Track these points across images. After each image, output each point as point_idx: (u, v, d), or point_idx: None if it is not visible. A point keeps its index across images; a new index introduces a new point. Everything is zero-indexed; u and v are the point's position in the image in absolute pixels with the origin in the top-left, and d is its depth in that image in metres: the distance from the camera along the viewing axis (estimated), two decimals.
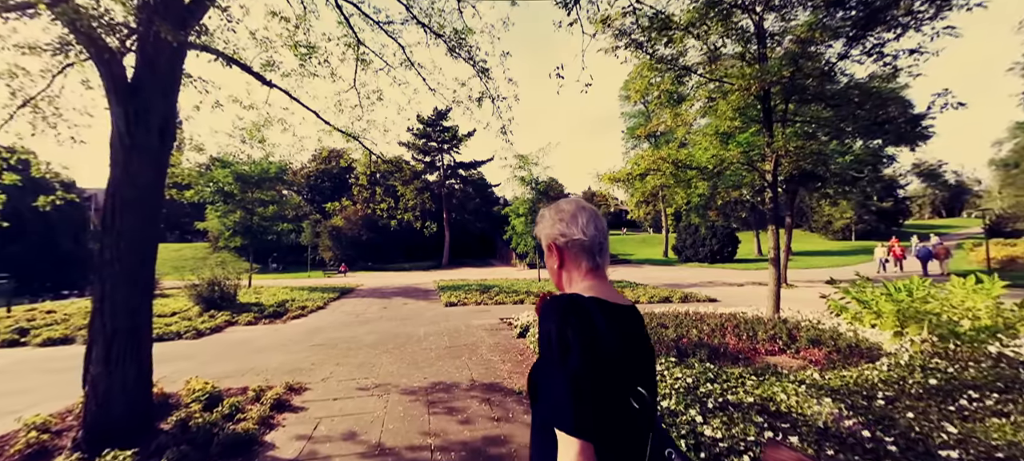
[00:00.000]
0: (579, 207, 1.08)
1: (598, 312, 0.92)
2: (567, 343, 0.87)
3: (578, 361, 0.85)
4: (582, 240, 1.03)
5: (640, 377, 0.94)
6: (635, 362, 0.95)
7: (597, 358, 0.87)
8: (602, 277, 1.05)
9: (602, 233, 1.06)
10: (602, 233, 1.06)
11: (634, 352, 0.96)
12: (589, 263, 1.04)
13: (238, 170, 17.18)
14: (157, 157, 3.52)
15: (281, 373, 5.37)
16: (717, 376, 4.15)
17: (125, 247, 3.35)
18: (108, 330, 3.30)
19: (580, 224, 1.05)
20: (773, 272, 8.41)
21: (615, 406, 0.89)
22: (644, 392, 0.92)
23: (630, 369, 0.93)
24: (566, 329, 0.88)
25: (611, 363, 0.89)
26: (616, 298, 1.01)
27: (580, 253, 1.04)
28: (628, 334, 0.96)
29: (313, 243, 36.98)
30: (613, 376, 0.89)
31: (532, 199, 19.05)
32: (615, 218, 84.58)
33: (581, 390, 0.84)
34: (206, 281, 10.94)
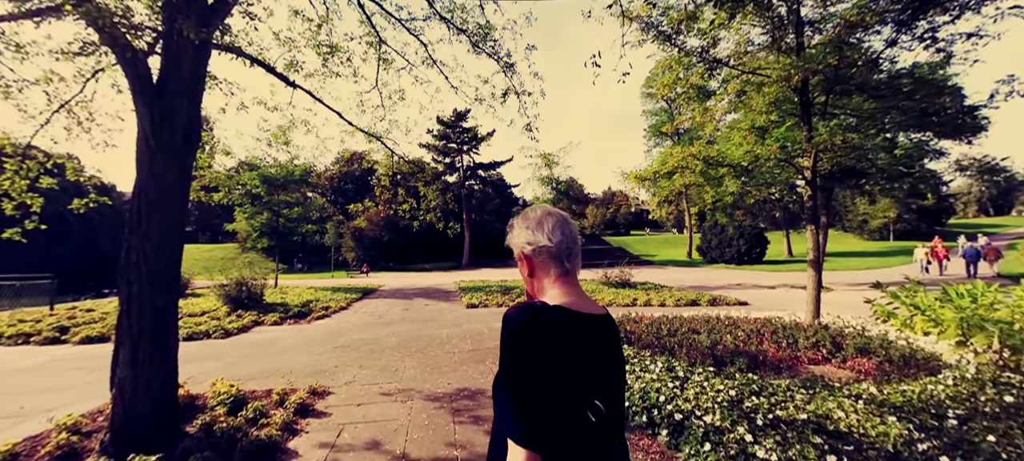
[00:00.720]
0: (546, 214, 1.08)
1: (556, 323, 0.91)
2: (518, 354, 0.88)
3: (528, 373, 0.86)
4: (549, 247, 1.03)
5: (601, 388, 0.94)
6: (596, 373, 0.94)
7: (549, 370, 0.87)
8: (572, 283, 1.04)
9: (569, 238, 1.04)
10: (569, 238, 1.04)
11: (595, 363, 0.95)
12: (557, 269, 1.03)
13: (264, 173, 17.60)
14: (182, 158, 3.48)
15: (305, 375, 5.33)
16: (762, 388, 3.84)
17: (151, 249, 3.32)
18: (135, 332, 3.28)
19: (546, 231, 1.04)
20: (813, 275, 7.93)
21: (568, 417, 0.88)
22: (600, 405, 0.90)
23: (589, 380, 0.91)
24: (518, 340, 0.88)
25: (565, 375, 0.88)
26: (585, 306, 1.00)
27: (548, 260, 1.03)
28: (589, 344, 0.95)
29: (336, 244, 37.72)
30: (567, 388, 0.88)
31: (553, 198, 18.78)
32: (636, 218, 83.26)
33: (529, 401, 0.85)
34: (234, 281, 11.17)
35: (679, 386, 3.83)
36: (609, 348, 1.00)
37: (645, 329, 6.91)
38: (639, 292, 13.75)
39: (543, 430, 0.85)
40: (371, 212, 37.05)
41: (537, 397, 0.86)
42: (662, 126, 35.33)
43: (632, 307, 11.53)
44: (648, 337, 6.33)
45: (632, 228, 73.84)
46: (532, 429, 0.85)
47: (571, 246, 1.05)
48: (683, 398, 3.57)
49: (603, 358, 0.98)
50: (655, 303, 12.01)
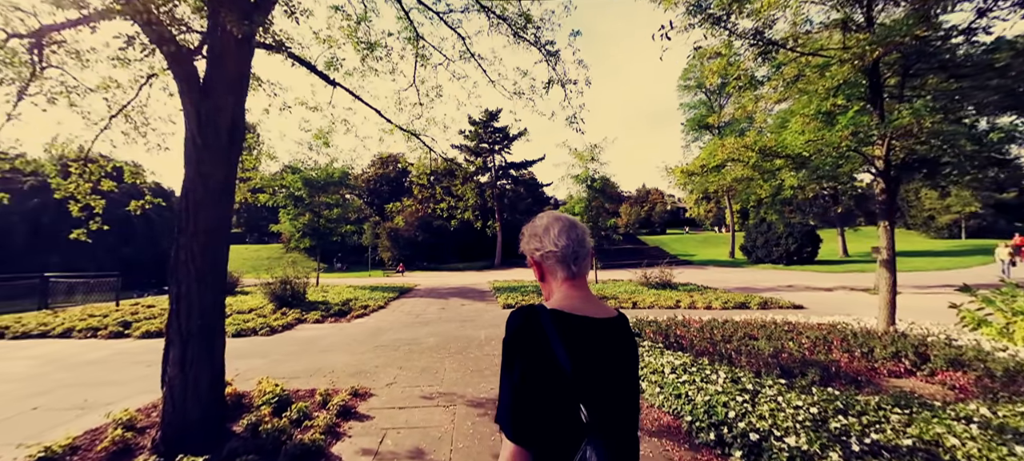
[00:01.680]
0: (553, 220, 1.11)
1: (554, 326, 0.94)
2: (513, 355, 0.93)
3: (519, 373, 0.91)
4: (554, 251, 1.06)
5: (604, 390, 0.96)
6: (597, 375, 0.95)
7: (542, 372, 0.91)
8: (579, 286, 1.07)
9: (576, 242, 1.07)
10: (576, 242, 1.07)
11: (597, 365, 0.96)
12: (564, 273, 1.06)
13: (306, 176, 18.23)
14: (227, 157, 3.46)
15: (346, 375, 5.30)
16: (847, 405, 3.38)
17: (198, 248, 3.31)
18: (184, 332, 3.28)
19: (552, 236, 1.07)
20: (886, 276, 7.16)
21: (559, 418, 0.91)
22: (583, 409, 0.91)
23: (586, 382, 0.93)
24: (514, 342, 0.94)
25: (557, 376, 0.91)
26: (590, 309, 1.02)
27: (555, 264, 1.07)
28: (590, 347, 0.97)
29: (373, 244, 38.79)
30: (559, 389, 0.91)
31: (588, 197, 18.29)
32: (672, 216, 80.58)
33: (519, 400, 0.91)
34: (278, 280, 11.55)
35: (749, 400, 3.43)
36: (615, 350, 1.02)
37: (696, 334, 6.44)
38: (681, 294, 13.09)
39: (532, 428, 0.90)
40: (408, 211, 37.83)
41: (528, 396, 0.91)
42: (702, 119, 33.87)
43: (676, 310, 10.95)
44: (701, 343, 5.88)
45: (668, 227, 71.55)
46: (521, 425, 0.90)
47: (577, 250, 1.07)
48: (756, 415, 3.18)
49: (607, 360, 0.99)
50: (700, 306, 11.36)
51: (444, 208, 7.03)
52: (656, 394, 4.05)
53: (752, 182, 8.19)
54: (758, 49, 7.89)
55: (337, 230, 19.92)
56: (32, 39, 3.85)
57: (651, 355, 4.81)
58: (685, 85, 34.64)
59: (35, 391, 5.11)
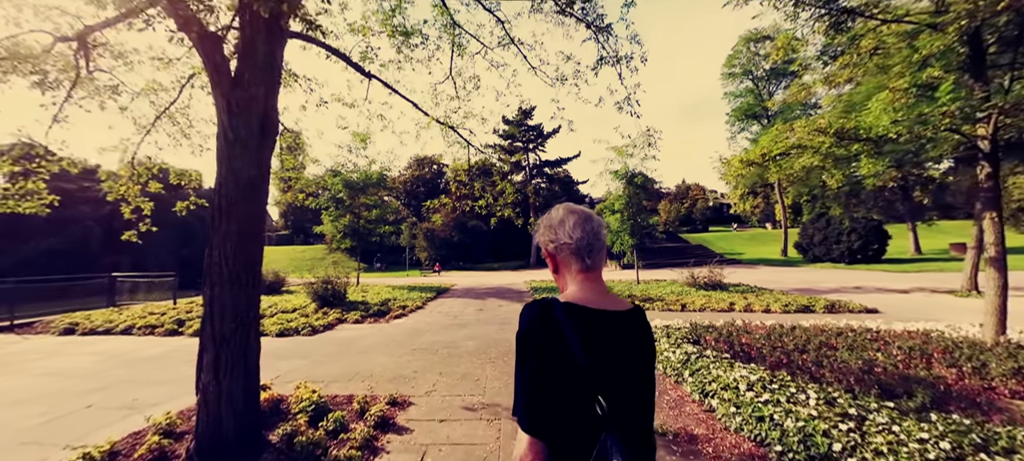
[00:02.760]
0: (568, 212, 1.11)
1: (569, 319, 0.95)
2: (527, 348, 0.95)
3: (533, 366, 0.93)
4: (569, 244, 1.06)
5: (617, 384, 0.95)
6: (611, 368, 0.95)
7: (553, 364, 0.92)
8: (594, 279, 1.06)
9: (590, 235, 1.06)
10: (590, 235, 1.06)
11: (612, 358, 0.96)
12: (578, 265, 1.06)
13: (347, 178, 18.67)
14: (259, 152, 3.27)
15: (384, 380, 5.09)
16: (987, 439, 2.71)
17: (231, 248, 3.14)
18: (217, 337, 3.12)
19: (567, 228, 1.07)
20: (996, 277, 6.12)
21: (572, 410, 0.92)
22: (602, 401, 0.91)
23: (602, 375, 0.92)
24: (528, 335, 0.96)
25: (569, 369, 0.91)
26: (604, 302, 1.02)
27: (570, 256, 1.07)
28: (605, 340, 0.96)
29: (410, 244, 39.52)
30: (571, 382, 0.91)
31: (628, 194, 17.47)
32: (715, 213, 76.82)
33: (533, 392, 0.93)
34: (320, 280, 11.73)
35: (855, 429, 2.83)
36: (631, 344, 1.01)
37: (764, 342, 5.74)
38: (734, 295, 12.12)
39: (546, 420, 0.92)
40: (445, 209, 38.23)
41: (542, 389, 0.92)
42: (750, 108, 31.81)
43: (729, 313, 10.10)
44: (773, 354, 5.19)
45: (710, 224, 68.29)
46: (535, 418, 0.92)
47: (592, 242, 1.06)
48: (871, 449, 2.59)
49: (622, 353, 0.99)
50: (757, 309, 10.42)
51: (483, 204, 6.70)
52: (731, 415, 3.50)
53: (823, 171, 7.29)
54: (829, 19, 7.02)
55: (376, 231, 20.27)
56: (77, 40, 3.84)
57: (718, 368, 4.24)
58: (730, 73, 32.62)
59: (94, 387, 5.26)
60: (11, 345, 8.03)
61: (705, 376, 4.17)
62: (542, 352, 0.93)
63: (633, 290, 14.21)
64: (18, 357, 6.98)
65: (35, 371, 6.11)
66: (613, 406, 0.91)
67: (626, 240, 17.36)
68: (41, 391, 5.16)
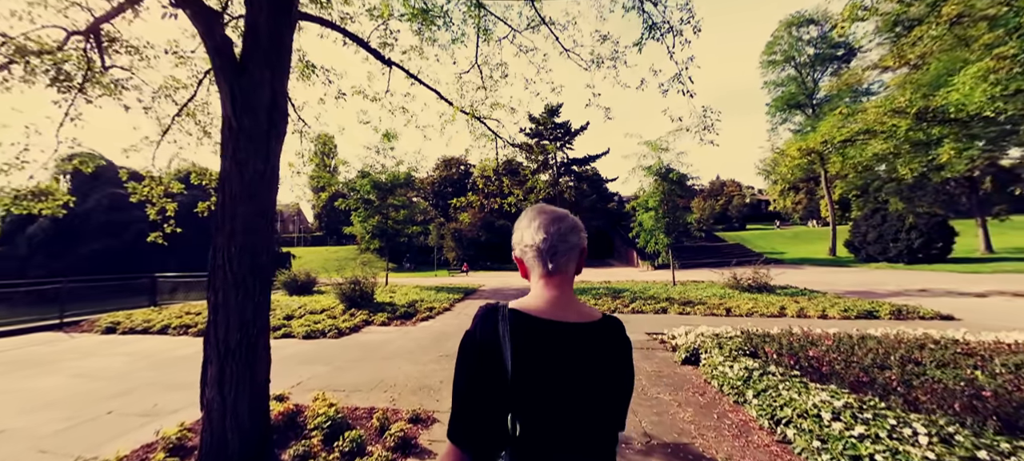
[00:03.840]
0: (537, 212, 1.05)
1: (509, 328, 0.90)
2: (462, 353, 0.92)
3: (462, 372, 0.90)
4: (532, 245, 1.01)
5: (552, 402, 0.87)
6: (546, 385, 0.88)
7: (483, 374, 0.88)
8: (556, 284, 0.99)
9: (555, 237, 0.99)
10: (555, 237, 0.99)
11: (549, 374, 0.88)
12: (540, 269, 1.01)
13: (375, 179, 18.75)
14: (266, 143, 2.96)
15: (408, 391, 4.74)
16: None
17: (236, 250, 2.84)
18: (221, 348, 2.82)
19: (532, 229, 1.02)
20: None
21: (495, 425, 0.87)
22: (511, 419, 0.87)
23: (530, 391, 0.87)
24: (465, 340, 0.93)
25: (497, 381, 0.87)
26: (561, 312, 0.95)
27: (533, 260, 1.02)
28: (545, 354, 0.89)
29: (438, 244, 39.72)
30: (497, 394, 0.87)
31: (663, 190, 16.58)
32: (752, 210, 73.29)
33: (459, 400, 0.90)
34: (348, 281, 11.67)
35: None
36: (581, 360, 0.91)
37: (834, 354, 5.00)
38: (784, 299, 11.15)
39: (466, 429, 0.88)
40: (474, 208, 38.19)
41: (467, 398, 0.89)
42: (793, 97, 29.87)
43: (780, 318, 9.22)
44: (849, 370, 4.47)
45: (748, 222, 65.17)
46: (457, 425, 0.89)
47: (556, 245, 0.99)
48: None
49: (566, 369, 0.89)
50: (812, 314, 9.48)
51: (512, 201, 6.27)
52: (815, 452, 2.89)
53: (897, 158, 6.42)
54: None
55: (404, 231, 20.29)
56: (90, 34, 3.68)
57: (790, 388, 3.61)
58: (770, 61, 30.72)
59: (120, 390, 5.20)
60: (57, 343, 8.30)
61: (774, 398, 3.55)
62: (472, 360, 0.91)
63: (670, 292, 13.41)
64: (59, 356, 7.15)
65: (70, 371, 6.17)
66: (540, 426, 0.86)
67: (661, 239, 16.49)
68: (70, 393, 5.14)
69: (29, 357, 7.09)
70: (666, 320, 8.95)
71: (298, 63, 4.88)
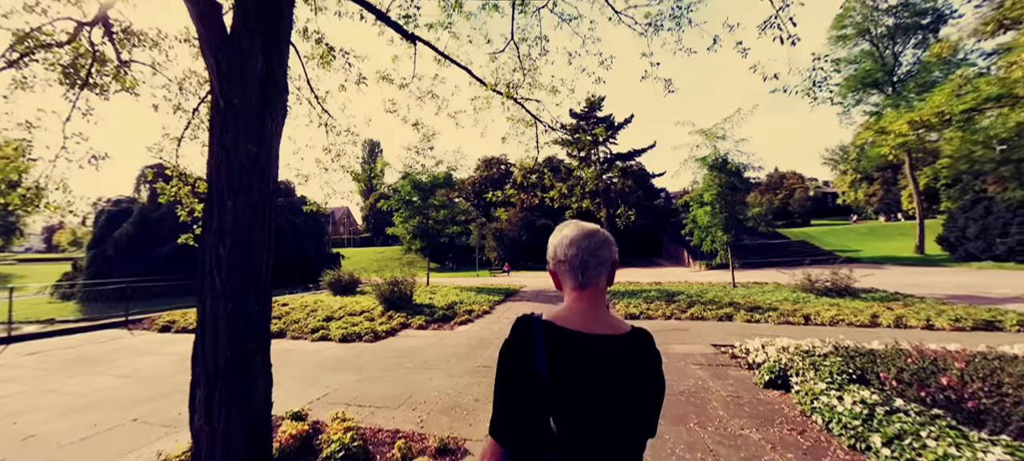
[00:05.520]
0: (570, 227, 1.11)
1: (543, 338, 0.97)
2: (502, 360, 1.00)
3: (502, 377, 0.98)
4: (564, 261, 1.07)
5: (585, 408, 0.94)
6: (579, 392, 0.94)
7: (521, 380, 0.95)
8: (587, 297, 1.05)
9: (585, 252, 1.05)
10: (585, 252, 1.05)
11: (581, 382, 0.95)
12: (572, 283, 1.06)
13: (415, 179, 18.74)
14: (259, 125, 2.49)
15: (438, 410, 4.20)
16: None
17: (226, 251, 2.39)
18: (209, 367, 2.38)
19: (564, 245, 1.08)
20: None
21: (534, 427, 0.95)
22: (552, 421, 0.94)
23: (565, 397, 0.93)
24: (504, 349, 1.00)
25: (533, 387, 0.94)
26: (591, 324, 1.01)
27: (566, 274, 1.07)
28: (577, 363, 0.95)
29: (480, 244, 39.67)
30: (534, 398, 0.94)
31: (720, 183, 15.11)
32: (816, 204, 67.26)
33: (498, 400, 0.98)
34: (387, 281, 11.48)
35: None
36: (611, 370, 0.97)
37: (976, 385, 3.85)
38: (874, 305, 9.57)
39: (506, 428, 0.97)
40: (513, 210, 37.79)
41: (504, 399, 0.97)
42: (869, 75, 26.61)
43: (874, 329, 7.82)
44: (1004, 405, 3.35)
45: (811, 216, 59.75)
46: (498, 424, 0.98)
47: (586, 260, 1.04)
48: None
49: (597, 378, 0.95)
50: (913, 324, 7.97)
51: (554, 195, 5.58)
52: None
53: None
54: None
55: (444, 231, 20.15)
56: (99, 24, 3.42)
57: (939, 438, 2.64)
58: (840, 35, 27.49)
59: (154, 394, 5.10)
60: (116, 341, 8.66)
61: (916, 451, 2.60)
62: (511, 367, 0.97)
63: (732, 296, 12.06)
64: (113, 354, 7.37)
65: (117, 371, 6.25)
66: (575, 430, 0.93)
67: (719, 236, 15.04)
68: (107, 396, 5.09)
69: (86, 355, 7.36)
70: (733, 329, 7.84)
71: (317, 47, 4.51)
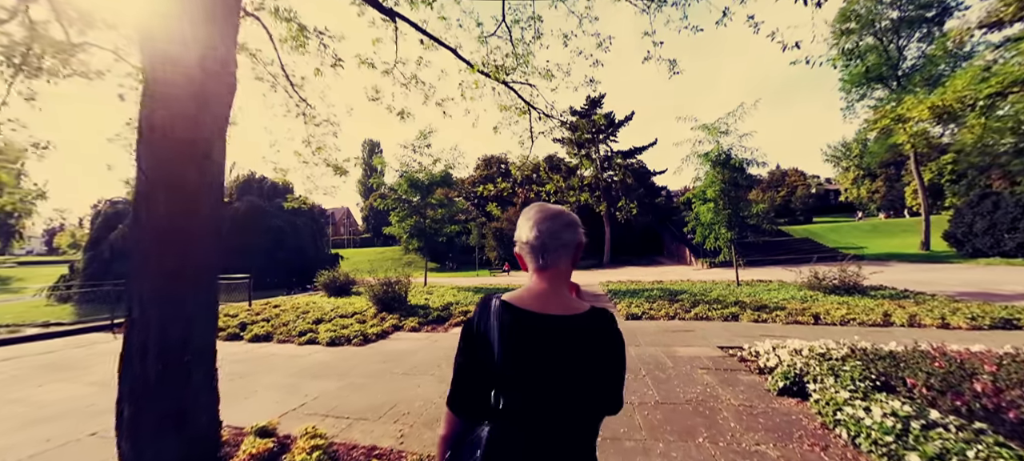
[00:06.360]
0: (533, 210, 1.14)
1: (499, 317, 1.02)
2: (463, 336, 1.08)
3: (460, 351, 1.08)
4: (526, 243, 1.11)
5: (535, 385, 0.98)
6: (530, 369, 0.99)
7: (476, 355, 1.04)
8: (547, 278, 1.09)
9: (547, 234, 1.08)
10: (547, 234, 1.08)
11: (533, 360, 0.99)
12: (534, 264, 1.10)
13: (412, 177, 18.38)
14: (198, 103, 2.13)
15: (421, 422, 3.84)
16: None
17: (158, 249, 2.03)
18: (137, 383, 2.03)
19: (527, 226, 1.11)
20: None
21: (484, 399, 1.02)
22: (496, 394, 1.00)
23: (515, 374, 0.98)
24: (466, 326, 1.08)
25: (486, 361, 1.01)
26: (548, 305, 1.04)
27: (528, 255, 1.11)
28: (531, 342, 1.00)
29: (480, 244, 39.30)
30: (486, 372, 1.02)
31: (723, 179, 14.72)
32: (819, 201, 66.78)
33: (455, 372, 1.09)
34: (380, 282, 11.13)
35: None
36: (564, 350, 1.01)
37: (1016, 393, 3.47)
38: (885, 303, 9.21)
39: (460, 399, 1.07)
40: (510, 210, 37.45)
41: (460, 371, 1.07)
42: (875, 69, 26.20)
43: (887, 328, 7.45)
44: None
45: (813, 213, 59.28)
46: (454, 394, 1.08)
47: (547, 242, 1.08)
48: None
49: (549, 357, 1.00)
50: (927, 323, 7.60)
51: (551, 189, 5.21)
52: None
53: None
54: None
55: (442, 231, 19.77)
56: None
57: (979, 455, 2.28)
58: (843, 29, 27.07)
59: None
60: (96, 345, 8.33)
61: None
62: (469, 342, 1.06)
63: (738, 295, 11.70)
64: (89, 360, 7.03)
65: (89, 378, 5.93)
66: (518, 403, 0.98)
67: (722, 234, 14.66)
68: (73, 406, 4.76)
69: (61, 361, 7.03)
70: (739, 329, 7.47)
71: (288, 25, 4.16)
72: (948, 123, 5.08)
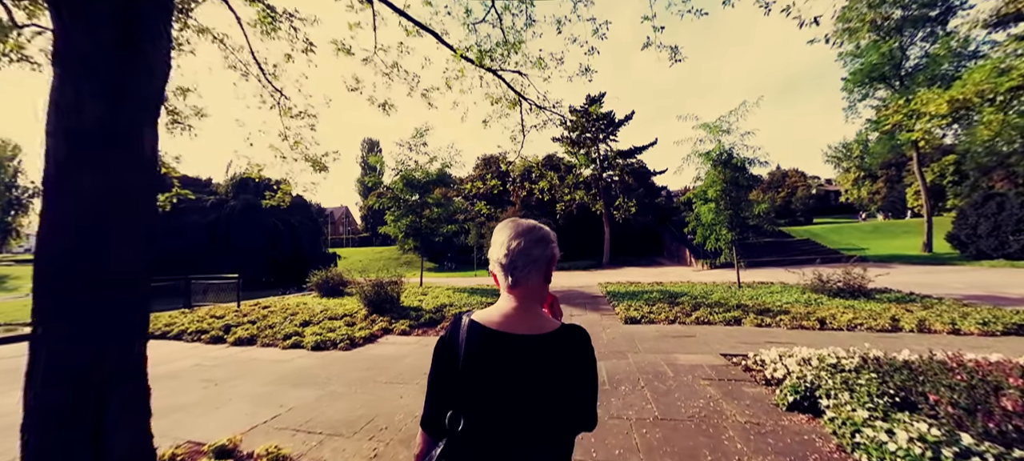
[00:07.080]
0: (505, 227, 1.12)
1: (466, 337, 1.02)
2: (434, 354, 1.07)
3: (431, 370, 1.07)
4: (496, 261, 1.10)
5: (495, 405, 0.98)
6: (491, 389, 0.98)
7: (443, 375, 1.04)
8: (516, 296, 1.08)
9: (515, 253, 1.06)
10: (515, 253, 1.06)
11: (495, 380, 0.98)
12: (505, 282, 1.09)
13: (408, 176, 18.06)
14: (116, 71, 1.82)
15: (399, 439, 3.53)
16: None
17: (67, 252, 1.72)
18: (42, 411, 1.71)
19: (496, 245, 1.10)
20: None
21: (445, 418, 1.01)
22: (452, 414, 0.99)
23: (475, 393, 0.98)
24: (437, 345, 1.07)
25: (450, 380, 1.01)
26: (515, 324, 1.03)
27: (500, 272, 1.10)
28: (494, 362, 0.99)
29: (478, 244, 38.97)
30: (450, 391, 1.02)
31: (724, 178, 14.41)
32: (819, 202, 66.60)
33: (428, 393, 1.07)
34: (370, 283, 10.81)
35: None
36: (529, 369, 0.99)
37: None
38: (892, 307, 8.91)
39: (430, 417, 1.05)
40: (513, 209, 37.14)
41: (430, 390, 1.06)
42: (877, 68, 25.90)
43: (896, 334, 7.15)
44: None
45: (814, 214, 59.06)
46: (425, 412, 1.06)
47: (516, 260, 1.06)
48: None
49: (512, 377, 0.99)
50: (937, 328, 7.30)
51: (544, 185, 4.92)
52: None
53: None
54: None
55: (438, 230, 19.44)
56: None
57: None
58: (846, 28, 26.74)
59: None
60: None
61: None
62: (439, 357, 1.05)
63: (740, 297, 11.40)
64: None
65: None
66: (481, 424, 0.97)
67: (723, 235, 14.36)
68: None
69: None
70: (742, 334, 7.16)
71: (257, 7, 3.84)
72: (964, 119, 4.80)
